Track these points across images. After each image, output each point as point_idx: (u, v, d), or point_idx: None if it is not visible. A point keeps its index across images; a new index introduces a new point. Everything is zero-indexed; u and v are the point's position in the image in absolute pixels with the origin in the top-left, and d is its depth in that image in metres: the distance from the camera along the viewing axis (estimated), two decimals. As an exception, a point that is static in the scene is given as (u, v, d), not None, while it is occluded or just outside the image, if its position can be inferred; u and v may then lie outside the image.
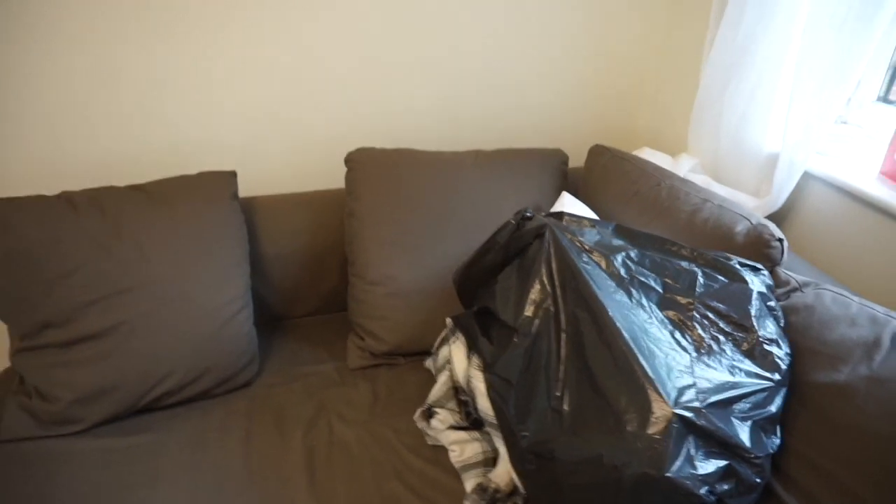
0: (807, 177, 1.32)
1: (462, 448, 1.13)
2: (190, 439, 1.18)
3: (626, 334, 0.83)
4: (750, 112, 1.35)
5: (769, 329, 0.90)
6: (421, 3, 1.53)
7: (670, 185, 1.29)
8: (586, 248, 0.96)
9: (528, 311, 0.93)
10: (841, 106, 1.19)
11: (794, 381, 0.92)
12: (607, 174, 1.42)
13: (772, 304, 0.96)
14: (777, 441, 0.87)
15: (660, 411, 0.77)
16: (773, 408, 0.87)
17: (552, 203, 1.45)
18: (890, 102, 1.34)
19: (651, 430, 0.77)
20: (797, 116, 1.23)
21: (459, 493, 1.07)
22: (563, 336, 0.89)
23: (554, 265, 0.93)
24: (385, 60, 1.57)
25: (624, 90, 1.80)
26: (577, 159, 1.70)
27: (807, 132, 1.22)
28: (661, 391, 0.78)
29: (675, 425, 0.77)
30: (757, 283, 0.95)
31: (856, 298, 0.98)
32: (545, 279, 0.93)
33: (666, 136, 1.76)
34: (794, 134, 1.24)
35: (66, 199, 1.24)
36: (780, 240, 1.09)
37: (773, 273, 1.07)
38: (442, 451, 1.15)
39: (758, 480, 0.83)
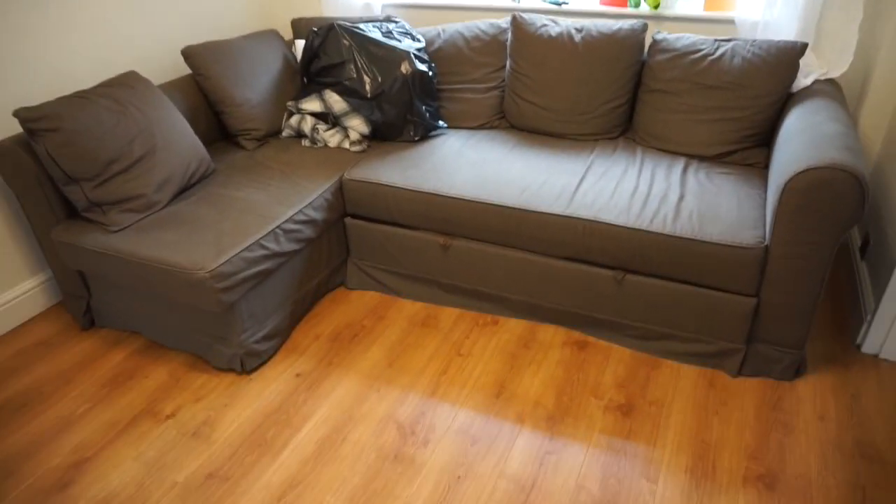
0: (384, 7, 3.11)
1: (334, 137, 2.60)
2: (224, 185, 2.32)
3: (383, 40, 2.46)
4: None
5: (419, 36, 2.65)
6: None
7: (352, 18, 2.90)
8: (354, 23, 2.52)
9: (345, 51, 2.46)
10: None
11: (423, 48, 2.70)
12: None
13: (414, 31, 2.70)
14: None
15: (405, 54, 2.44)
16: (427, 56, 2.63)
17: (294, 50, 2.90)
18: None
19: (406, 61, 2.43)
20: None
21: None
22: (362, 54, 2.45)
23: (345, 33, 2.46)
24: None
25: None
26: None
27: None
28: (402, 48, 2.45)
29: (413, 57, 2.45)
30: (404, 22, 2.69)
31: (440, 26, 2.80)
32: (344, 40, 2.46)
33: (311, 5, 3.31)
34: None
35: (79, 96, 2.11)
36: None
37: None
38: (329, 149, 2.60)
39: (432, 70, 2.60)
